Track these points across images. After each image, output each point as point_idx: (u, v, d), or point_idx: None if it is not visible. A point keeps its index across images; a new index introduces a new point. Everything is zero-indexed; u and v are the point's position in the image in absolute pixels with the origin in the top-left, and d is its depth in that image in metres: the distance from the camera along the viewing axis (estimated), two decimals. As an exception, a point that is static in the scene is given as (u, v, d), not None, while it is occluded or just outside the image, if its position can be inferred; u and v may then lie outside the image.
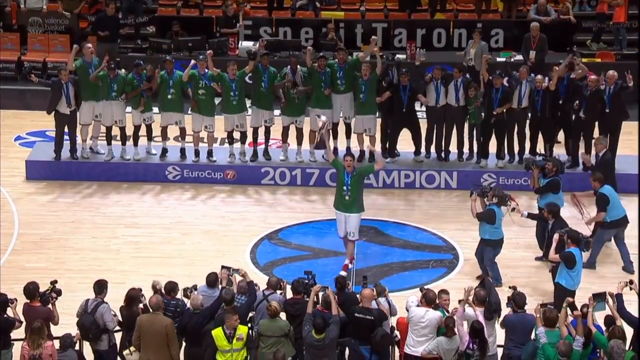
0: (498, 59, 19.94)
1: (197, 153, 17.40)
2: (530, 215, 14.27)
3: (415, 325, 11.37)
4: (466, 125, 17.14)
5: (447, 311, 11.59)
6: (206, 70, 16.93)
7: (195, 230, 15.79)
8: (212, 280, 12.04)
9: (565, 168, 14.54)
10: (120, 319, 11.67)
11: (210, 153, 17.38)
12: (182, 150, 17.47)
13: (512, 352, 11.43)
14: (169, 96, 17.01)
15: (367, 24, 21.68)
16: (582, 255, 12.79)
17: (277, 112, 17.44)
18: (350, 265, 14.42)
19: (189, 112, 17.34)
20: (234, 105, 16.99)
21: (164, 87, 16.96)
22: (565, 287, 12.68)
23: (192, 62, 17.08)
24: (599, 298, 11.39)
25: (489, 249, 13.84)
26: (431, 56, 19.53)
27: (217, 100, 17.44)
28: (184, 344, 11.68)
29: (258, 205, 16.73)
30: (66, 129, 17.14)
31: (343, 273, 14.03)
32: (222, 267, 12.21)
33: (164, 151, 17.47)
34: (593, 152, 15.84)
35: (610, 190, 14.27)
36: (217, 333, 11.12)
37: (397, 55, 19.03)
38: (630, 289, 11.55)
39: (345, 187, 14.10)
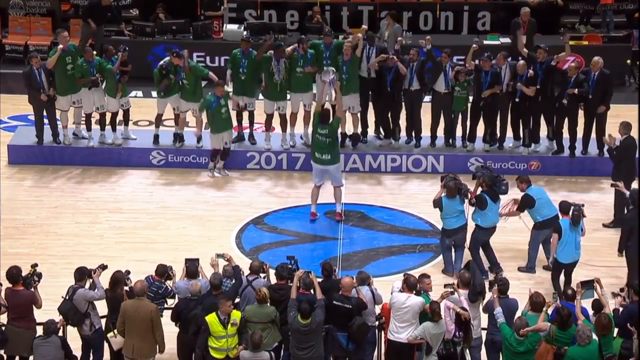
0: (484, 42, 19.94)
1: (181, 137, 17.23)
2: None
3: (397, 311, 11.32)
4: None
5: (428, 295, 11.55)
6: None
7: (180, 216, 15.69)
8: (192, 272, 11.93)
9: (502, 187, 13.96)
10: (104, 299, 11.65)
11: (199, 139, 17.28)
12: (176, 135, 17.27)
13: (495, 337, 11.43)
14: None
15: (353, 6, 21.52)
16: (571, 227, 12.97)
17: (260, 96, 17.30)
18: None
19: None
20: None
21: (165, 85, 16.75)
22: (556, 259, 13.04)
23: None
24: (587, 286, 11.43)
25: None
26: (418, 39, 19.36)
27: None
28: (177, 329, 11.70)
29: (243, 190, 16.63)
30: (45, 113, 16.98)
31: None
32: (186, 259, 12.11)
33: (156, 138, 17.26)
34: (618, 136, 15.49)
35: (537, 191, 14.03)
36: (212, 319, 11.10)
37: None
38: (621, 297, 11.51)
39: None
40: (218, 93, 16.28)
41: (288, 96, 17.14)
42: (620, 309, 11.36)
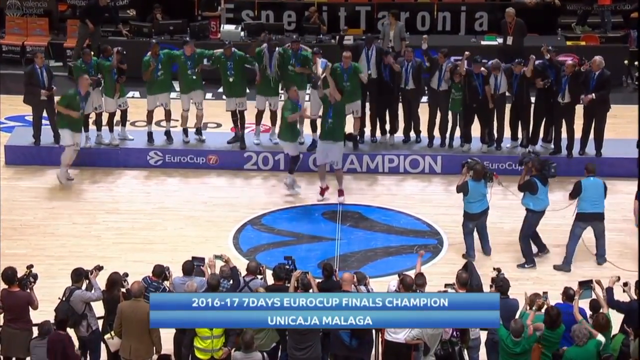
0: (482, 42, 19.93)
1: (186, 132, 17.23)
2: None
3: (395, 312, 11.31)
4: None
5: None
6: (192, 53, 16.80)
7: (177, 216, 15.66)
8: (188, 268, 11.96)
9: (551, 170, 14.10)
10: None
11: (199, 131, 17.23)
12: (168, 133, 17.29)
13: (496, 337, 11.36)
14: (158, 77, 16.78)
15: (350, 7, 21.48)
16: None
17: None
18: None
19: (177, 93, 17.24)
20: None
21: (151, 71, 16.73)
22: None
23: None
24: (585, 286, 11.44)
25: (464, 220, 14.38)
26: (415, 40, 19.36)
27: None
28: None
29: (241, 190, 16.61)
30: (45, 114, 16.95)
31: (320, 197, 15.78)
32: (193, 257, 12.19)
33: (150, 135, 17.26)
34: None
35: (590, 184, 14.02)
36: None
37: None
38: (624, 290, 11.48)
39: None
40: (293, 96, 15.93)
41: (281, 97, 17.12)
42: (613, 287, 11.39)
